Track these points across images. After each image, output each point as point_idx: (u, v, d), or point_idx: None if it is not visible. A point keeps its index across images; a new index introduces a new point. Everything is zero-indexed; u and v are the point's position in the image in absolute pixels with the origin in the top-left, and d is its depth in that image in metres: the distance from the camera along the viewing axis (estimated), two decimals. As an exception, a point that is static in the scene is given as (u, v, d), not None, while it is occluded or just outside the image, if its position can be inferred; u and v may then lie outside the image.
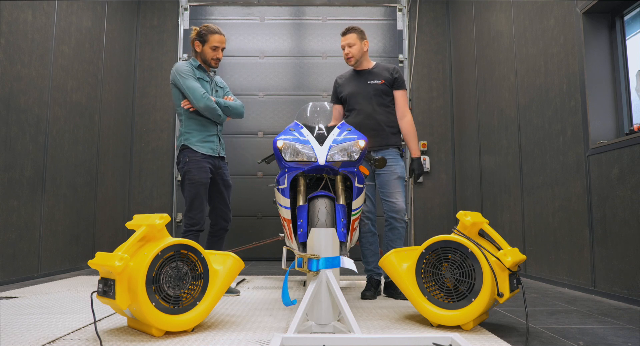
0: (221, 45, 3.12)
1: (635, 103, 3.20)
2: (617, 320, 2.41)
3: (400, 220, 3.09)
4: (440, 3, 6.26)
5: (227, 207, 3.23)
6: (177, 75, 3.06)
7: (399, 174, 3.14)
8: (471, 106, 5.41)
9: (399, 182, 3.13)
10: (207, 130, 3.11)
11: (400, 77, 3.25)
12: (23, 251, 3.75)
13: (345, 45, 3.21)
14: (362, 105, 3.20)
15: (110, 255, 1.94)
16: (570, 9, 3.47)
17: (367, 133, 3.06)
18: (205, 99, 2.99)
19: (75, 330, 2.15)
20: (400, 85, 3.24)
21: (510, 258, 2.10)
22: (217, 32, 3.12)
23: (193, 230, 3.01)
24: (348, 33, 3.22)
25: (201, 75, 3.14)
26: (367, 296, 3.03)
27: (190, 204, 3.02)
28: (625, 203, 2.89)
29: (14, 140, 3.65)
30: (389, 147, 3.18)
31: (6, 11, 3.59)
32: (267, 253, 5.76)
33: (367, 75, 3.25)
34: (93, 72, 4.92)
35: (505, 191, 4.49)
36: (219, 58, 3.15)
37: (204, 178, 3.04)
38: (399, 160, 3.19)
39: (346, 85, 3.31)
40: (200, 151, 3.06)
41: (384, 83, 3.20)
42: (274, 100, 6.12)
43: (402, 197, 3.12)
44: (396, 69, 3.27)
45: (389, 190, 3.11)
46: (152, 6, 6.18)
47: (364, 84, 3.22)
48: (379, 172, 3.16)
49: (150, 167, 5.98)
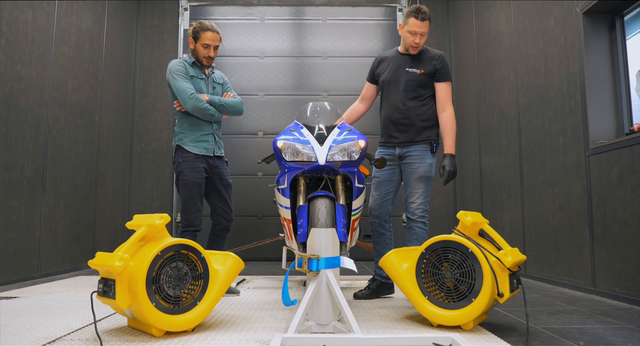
0: (213, 43, 3.01)
1: (635, 103, 3.20)
2: (617, 320, 2.41)
3: (416, 220, 2.89)
4: (440, 3, 6.26)
5: (228, 206, 3.19)
6: (169, 75, 3.03)
7: (422, 173, 2.91)
8: (471, 106, 5.41)
9: (421, 181, 2.91)
10: (201, 129, 3.05)
11: (443, 67, 2.97)
12: (23, 251, 3.75)
13: (420, 34, 2.88)
14: (393, 96, 2.98)
15: (111, 255, 1.94)
16: (570, 9, 3.47)
17: (396, 127, 2.95)
18: (192, 100, 2.91)
19: (75, 330, 2.15)
20: (443, 76, 2.97)
21: (510, 258, 2.10)
22: (210, 29, 3.01)
23: (189, 230, 2.99)
24: (426, 19, 2.86)
25: (195, 73, 3.07)
26: (357, 295, 3.00)
27: (184, 205, 3.00)
28: (625, 203, 2.89)
29: (14, 140, 3.65)
30: (418, 143, 2.95)
31: (6, 11, 3.59)
32: (267, 253, 5.76)
33: (410, 61, 2.99)
34: (93, 72, 4.92)
35: (505, 191, 4.49)
36: (210, 56, 3.04)
37: (197, 178, 3.00)
38: (427, 158, 2.94)
39: (385, 69, 3.04)
40: (193, 151, 3.01)
41: (422, 73, 2.94)
42: (274, 100, 6.12)
43: (422, 197, 2.90)
44: (442, 58, 2.99)
45: (408, 190, 2.95)
46: (152, 6, 6.18)
47: (401, 71, 2.98)
48: (404, 170, 2.98)
49: (150, 167, 5.98)
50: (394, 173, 3.01)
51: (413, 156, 2.94)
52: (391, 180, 3.02)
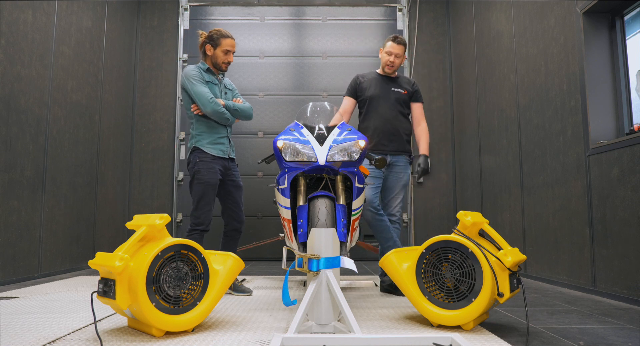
0: (232, 48, 3.21)
1: (635, 103, 3.20)
2: (617, 320, 2.41)
3: (396, 221, 3.37)
4: (440, 3, 6.26)
5: (239, 208, 3.27)
6: (186, 80, 3.13)
7: (405, 181, 3.37)
8: (471, 106, 5.41)
9: (404, 188, 3.38)
10: (217, 132, 3.18)
11: (419, 90, 3.51)
12: (23, 251, 3.75)
13: (395, 55, 3.34)
14: (384, 110, 3.35)
15: (111, 255, 1.94)
16: (570, 9, 3.47)
17: (387, 137, 3.31)
18: (212, 104, 3.05)
19: (76, 330, 2.15)
20: (419, 98, 3.49)
21: (510, 258, 2.10)
22: (229, 36, 3.22)
23: (198, 229, 3.03)
24: (401, 44, 3.36)
25: (210, 78, 3.20)
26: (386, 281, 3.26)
27: (197, 203, 3.06)
28: (625, 203, 2.89)
29: (14, 141, 3.65)
30: (403, 154, 3.38)
31: (6, 11, 3.59)
32: (267, 253, 5.76)
33: (392, 83, 3.42)
34: (93, 72, 4.92)
35: (505, 191, 4.49)
36: (230, 61, 3.23)
37: (213, 179, 3.08)
38: (408, 168, 3.41)
39: (370, 86, 3.41)
40: (210, 153, 3.12)
41: (406, 93, 3.41)
42: (274, 100, 6.12)
43: (402, 201, 3.41)
44: (415, 83, 3.52)
45: (392, 195, 3.36)
46: (152, 6, 6.18)
47: (387, 90, 3.39)
48: (388, 176, 3.34)
49: (150, 167, 5.98)
50: (380, 173, 3.33)
51: (399, 165, 3.36)
52: (379, 178, 3.30)
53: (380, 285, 3.34)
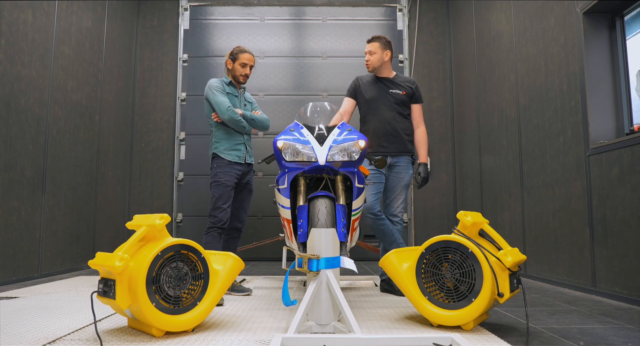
0: (249, 62, 3.42)
1: (635, 103, 3.20)
2: (617, 320, 2.41)
3: (398, 222, 3.35)
4: (440, 3, 6.26)
5: (243, 210, 3.44)
6: (209, 90, 3.35)
7: (406, 182, 3.34)
8: (471, 106, 5.41)
9: (405, 188, 3.35)
10: (234, 139, 3.36)
11: (418, 90, 3.46)
12: (23, 251, 3.75)
13: (367, 53, 3.38)
14: (383, 112, 3.34)
15: (111, 255, 1.94)
16: (570, 9, 3.47)
17: (387, 139, 3.30)
18: (229, 112, 3.25)
19: (76, 330, 2.15)
20: (419, 98, 3.45)
21: (510, 258, 2.10)
22: (247, 51, 3.45)
23: (216, 227, 3.19)
24: (372, 41, 3.38)
25: (231, 91, 3.42)
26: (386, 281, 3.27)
27: (214, 203, 3.24)
28: (625, 203, 2.89)
29: (14, 141, 3.65)
30: (404, 154, 3.36)
31: (6, 11, 3.59)
32: (267, 253, 5.76)
33: (389, 83, 3.40)
34: (93, 72, 4.92)
35: (505, 191, 4.49)
36: (247, 74, 3.44)
37: (229, 181, 3.27)
38: (409, 169, 3.38)
39: (368, 88, 3.42)
40: (227, 158, 3.31)
41: (405, 94, 3.38)
42: (274, 100, 6.12)
43: (403, 202, 3.37)
44: (415, 83, 3.47)
45: (393, 195, 3.33)
46: (152, 6, 6.18)
47: (385, 91, 3.38)
48: (389, 177, 3.33)
49: (150, 167, 5.98)
50: (381, 177, 3.30)
51: (400, 166, 3.34)
52: (380, 182, 3.29)
53: (380, 284, 3.35)
